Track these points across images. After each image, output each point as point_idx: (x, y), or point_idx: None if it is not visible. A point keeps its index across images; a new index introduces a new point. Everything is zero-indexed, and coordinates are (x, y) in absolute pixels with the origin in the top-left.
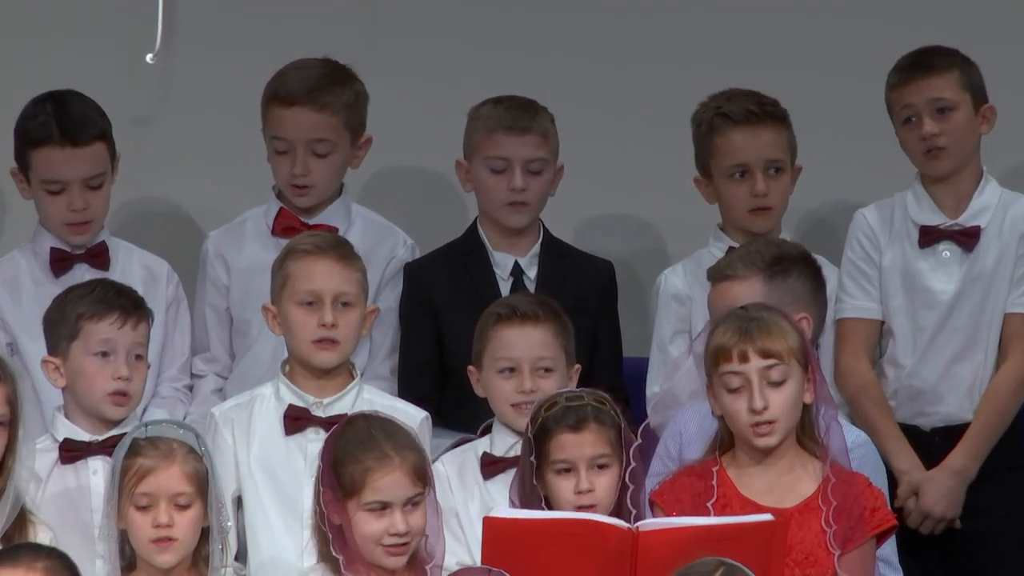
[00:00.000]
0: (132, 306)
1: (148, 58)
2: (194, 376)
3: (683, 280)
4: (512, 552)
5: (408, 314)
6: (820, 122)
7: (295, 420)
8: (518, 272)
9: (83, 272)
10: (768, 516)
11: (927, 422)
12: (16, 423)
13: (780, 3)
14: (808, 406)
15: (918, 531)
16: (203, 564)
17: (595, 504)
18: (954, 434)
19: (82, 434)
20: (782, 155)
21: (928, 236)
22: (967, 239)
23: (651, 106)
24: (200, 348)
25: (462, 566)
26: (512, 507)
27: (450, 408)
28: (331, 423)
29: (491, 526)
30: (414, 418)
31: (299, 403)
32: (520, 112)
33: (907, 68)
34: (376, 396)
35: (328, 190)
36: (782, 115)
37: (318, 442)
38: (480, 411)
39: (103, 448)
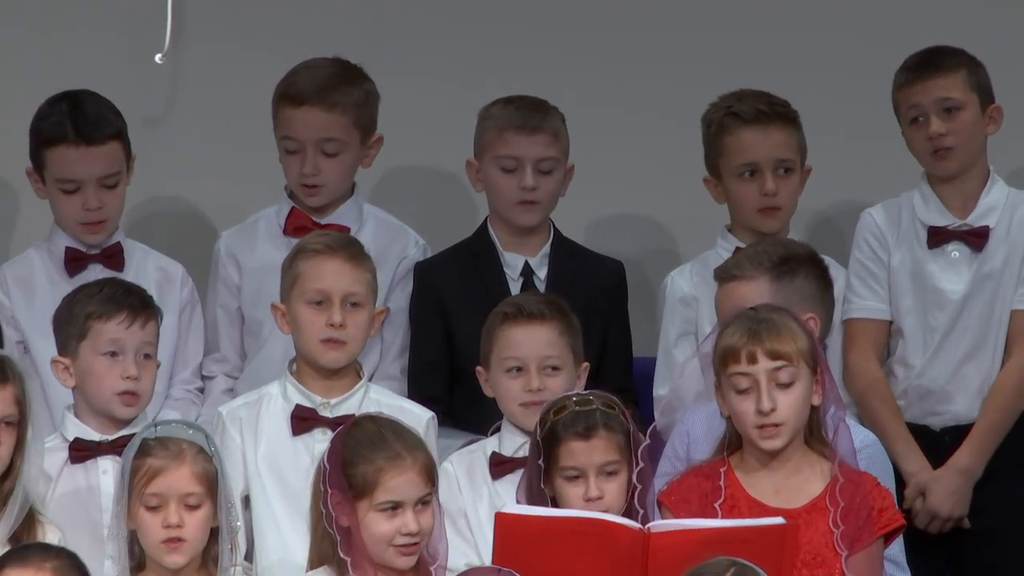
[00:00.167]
0: (140, 305)
1: (157, 58)
2: (204, 377)
3: (689, 281)
4: (523, 548)
5: (418, 314)
6: (828, 122)
7: (302, 420)
8: (528, 272)
9: (97, 272)
10: (780, 519)
11: (937, 422)
12: (25, 423)
13: (792, 4)
14: (816, 408)
15: (926, 531)
16: (212, 564)
17: (605, 510)
18: (964, 434)
19: (92, 434)
20: (792, 155)
21: (937, 237)
22: (976, 239)
23: (662, 106)
24: (211, 348)
25: (471, 566)
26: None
27: (460, 408)
28: (338, 424)
29: (503, 522)
30: (420, 418)
31: (306, 403)
32: (531, 111)
33: (914, 68)
34: (383, 396)
35: (339, 190)
36: (792, 115)
37: (325, 442)
38: (490, 411)
39: (113, 448)
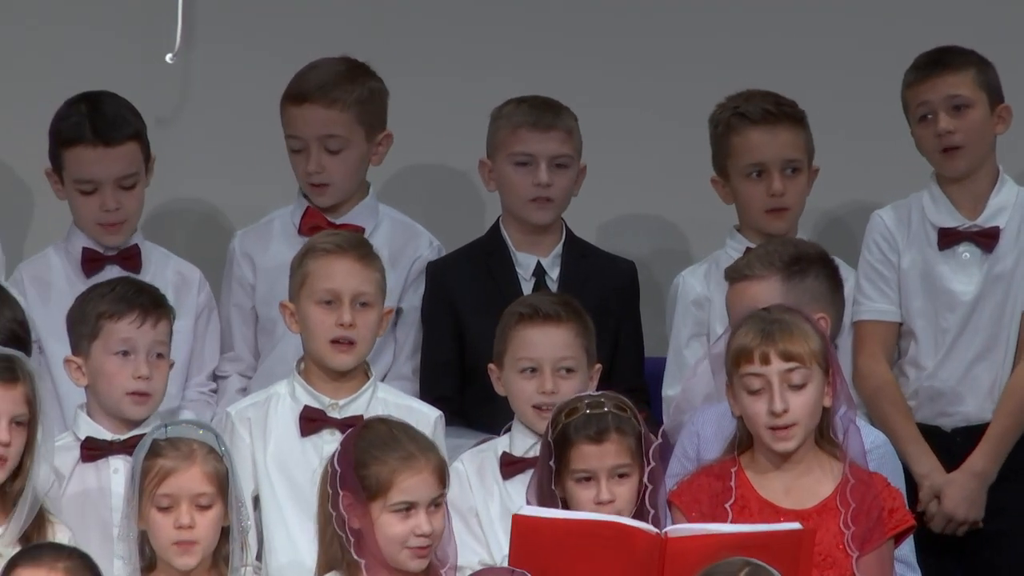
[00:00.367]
0: (152, 304)
1: (168, 58)
2: (218, 377)
3: (701, 282)
4: (539, 550)
5: (430, 313)
6: (837, 123)
7: (311, 422)
8: (540, 272)
9: (114, 273)
10: (796, 525)
11: (948, 423)
12: (35, 423)
13: (801, 5)
14: (827, 408)
15: (941, 534)
16: (223, 564)
17: (615, 514)
18: (975, 434)
19: (104, 433)
20: (799, 155)
21: (947, 238)
22: (986, 240)
23: (673, 106)
24: (224, 348)
25: (484, 565)
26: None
27: (472, 408)
28: (347, 424)
29: (520, 524)
30: (428, 417)
31: (315, 404)
32: (544, 110)
33: (924, 66)
34: (390, 395)
35: (347, 188)
36: (800, 116)
37: (334, 443)
38: (502, 411)
39: (125, 447)
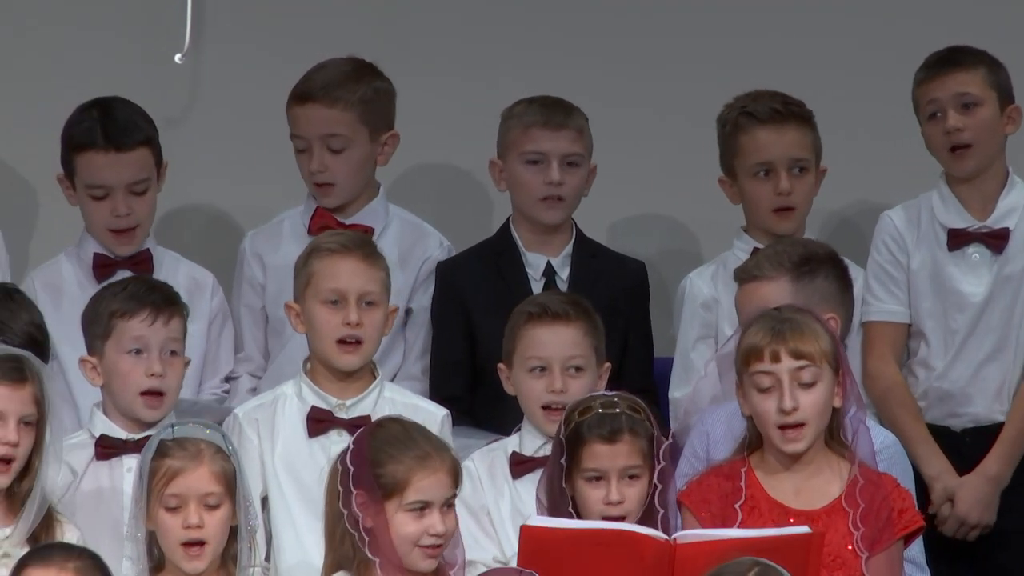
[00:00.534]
0: (164, 302)
1: (177, 58)
2: (228, 378)
3: (708, 283)
4: (548, 560)
5: (440, 313)
6: (846, 123)
7: (318, 422)
8: (550, 272)
9: None
10: (806, 528)
11: (958, 423)
12: (43, 423)
13: (810, 5)
14: (837, 409)
15: (954, 537)
16: (231, 563)
17: (624, 515)
18: (985, 435)
19: (119, 431)
20: (807, 155)
21: (957, 239)
22: (996, 241)
23: (682, 107)
24: (235, 348)
25: (498, 562)
26: (539, 507)
27: (482, 407)
28: (354, 425)
29: (528, 534)
30: (435, 415)
31: (322, 405)
32: (556, 109)
33: (934, 64)
34: (397, 394)
35: (351, 188)
36: (807, 115)
37: (341, 444)
38: (511, 411)
39: (139, 447)
